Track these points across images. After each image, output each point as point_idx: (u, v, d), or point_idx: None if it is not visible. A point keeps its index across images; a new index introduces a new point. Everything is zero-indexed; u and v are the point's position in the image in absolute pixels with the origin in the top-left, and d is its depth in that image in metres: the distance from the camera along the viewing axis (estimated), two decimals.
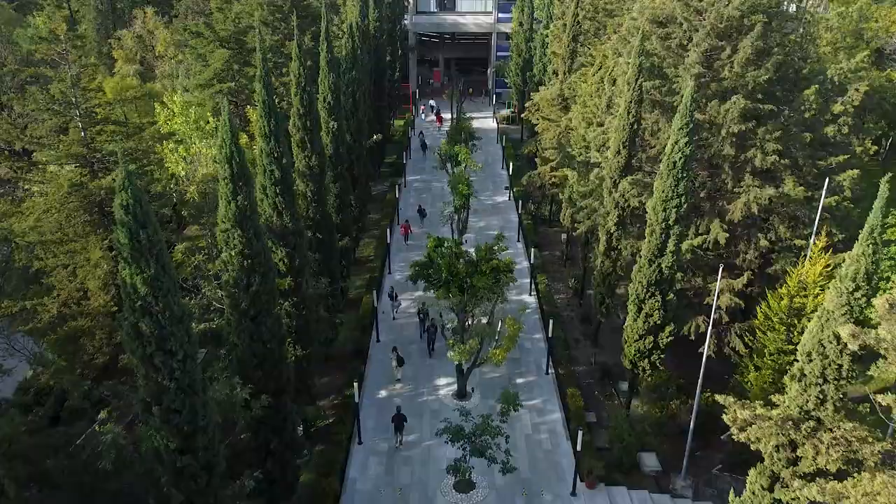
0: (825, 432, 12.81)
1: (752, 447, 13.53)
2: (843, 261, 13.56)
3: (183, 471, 14.27)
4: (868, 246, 12.04)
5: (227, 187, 17.17)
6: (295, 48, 25.16)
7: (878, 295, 12.41)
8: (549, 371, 29.41)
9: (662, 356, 24.79)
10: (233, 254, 17.71)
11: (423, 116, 66.37)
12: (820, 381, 12.92)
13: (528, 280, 36.55)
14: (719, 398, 13.36)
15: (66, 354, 22.00)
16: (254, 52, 35.16)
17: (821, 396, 13.03)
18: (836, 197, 26.18)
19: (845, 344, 12.36)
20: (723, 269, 26.17)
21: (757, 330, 24.05)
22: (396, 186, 46.44)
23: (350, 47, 36.97)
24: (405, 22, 66.62)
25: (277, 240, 22.29)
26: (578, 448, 22.83)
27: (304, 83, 25.41)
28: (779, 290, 23.32)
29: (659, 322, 23.89)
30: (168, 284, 12.79)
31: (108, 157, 22.69)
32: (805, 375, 13.13)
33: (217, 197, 24.76)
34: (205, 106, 32.65)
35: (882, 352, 11.06)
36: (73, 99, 21.76)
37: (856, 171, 26.32)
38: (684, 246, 25.05)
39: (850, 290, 12.09)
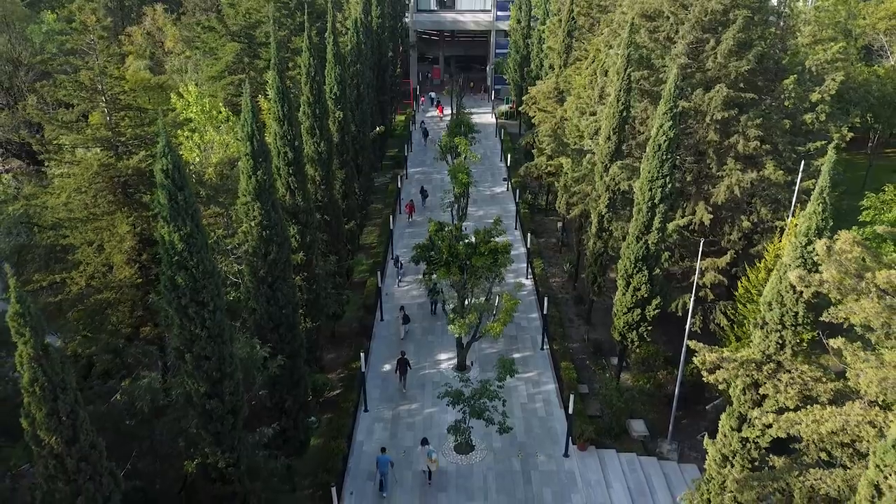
0: (784, 373, 14.45)
1: (720, 387, 15.17)
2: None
3: (211, 413, 15.88)
4: (818, 204, 13.70)
5: (247, 163, 18.81)
6: (306, 40, 26.80)
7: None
8: (545, 347, 31.05)
9: (649, 328, 26.40)
10: (252, 224, 19.35)
11: (423, 107, 68.37)
12: (779, 327, 14.57)
13: (525, 265, 38.19)
14: (690, 344, 15.00)
15: (93, 325, 23.54)
16: (262, 47, 36.90)
17: (780, 341, 14.68)
18: (814, 180, 27.81)
19: (801, 293, 14.03)
20: (709, 251, 27.93)
21: (738, 303, 25.67)
22: (398, 177, 48.15)
23: (355, 42, 38.63)
24: (406, 20, 68.27)
25: (290, 217, 23.91)
26: (570, 411, 24.47)
27: (314, 73, 27.05)
28: (758, 264, 24.94)
29: (646, 295, 25.51)
30: (201, 242, 14.42)
31: (131, 140, 24.29)
32: (766, 323, 14.78)
33: (233, 179, 26.51)
34: (217, 97, 34.28)
35: (825, 292, 12.70)
36: (100, 86, 23.36)
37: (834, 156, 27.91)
38: (671, 226, 26.68)
39: (804, 244, 13.73)
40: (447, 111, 63.36)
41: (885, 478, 10.07)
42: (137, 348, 19.67)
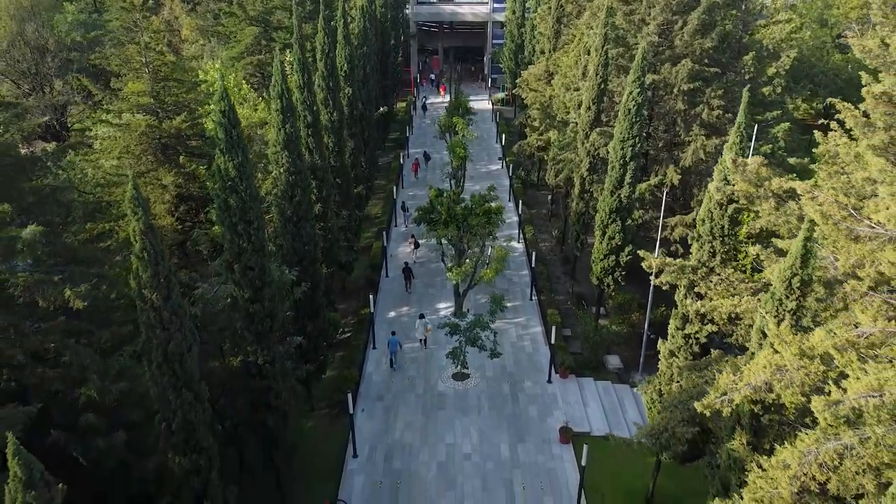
0: (715, 276, 18.07)
1: (664, 288, 18.78)
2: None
3: (253, 316, 19.46)
4: (736, 136, 17.25)
5: (277, 118, 22.39)
6: (321, 21, 30.39)
7: None
8: (533, 297, 34.68)
9: (623, 274, 29.99)
10: (281, 171, 22.92)
11: (424, 90, 72.60)
12: (710, 238, 18.17)
13: (517, 231, 41.84)
14: (640, 252, 18.58)
15: None
16: (277, 31, 40.58)
17: (711, 250, 18.28)
18: (771, 145, 31.44)
19: (726, 209, 17.64)
20: (677, 209, 31.55)
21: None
22: (401, 156, 51.91)
23: (362, 26, 42.20)
24: (406, 11, 71.83)
25: (309, 173, 27.45)
26: (553, 342, 28.10)
27: (328, 50, 30.64)
28: None
29: (619, 243, 29.11)
30: (249, 170, 17.98)
31: (170, 107, 27.87)
32: (701, 236, 18.39)
33: (255, 142, 30.08)
34: (237, 76, 37.84)
35: (739, 201, 16.26)
36: (144, 59, 26.95)
37: (787, 124, 31.58)
38: (643, 186, 30.31)
39: (731, 171, 17.27)
40: (447, 96, 67.19)
41: (766, 322, 13.65)
42: (185, 276, 23.16)
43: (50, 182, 19.63)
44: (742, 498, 13.14)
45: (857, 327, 12.12)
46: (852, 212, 12.71)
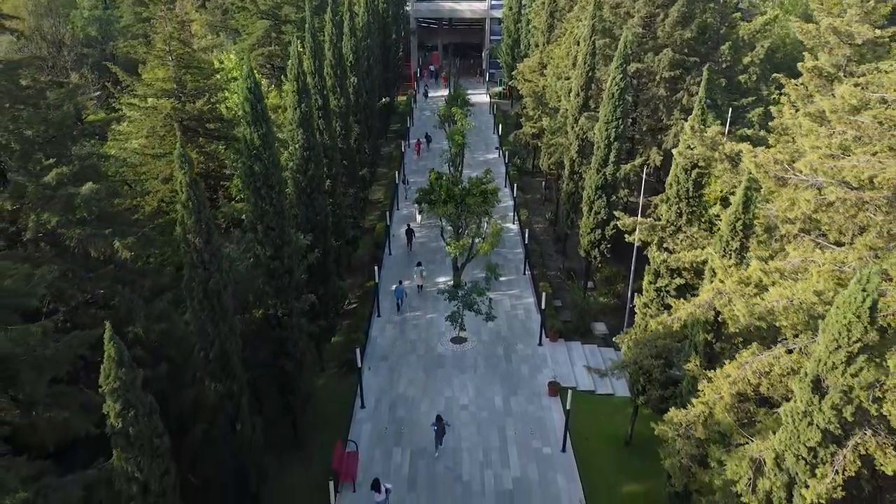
0: (681, 233, 20.55)
1: (639, 245, 21.25)
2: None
3: (274, 272, 21.92)
4: (699, 110, 19.71)
5: (293, 98, 24.85)
6: (329, 14, 32.87)
7: None
8: (526, 272, 37.16)
9: (609, 246, 32.46)
10: (296, 147, 25.39)
11: (424, 83, 75.45)
12: (677, 200, 20.65)
13: (512, 213, 44.32)
14: (616, 213, 21.05)
15: (164, 237, 29.64)
16: (286, 24, 43.09)
17: (678, 211, 20.76)
18: (746, 129, 33.88)
19: (690, 173, 20.13)
20: (660, 189, 33.95)
21: None
22: (402, 145, 54.46)
23: (365, 20, 44.68)
24: (407, 8, 74.34)
25: (320, 150, 29.90)
26: (543, 307, 30.57)
27: (335, 40, 33.10)
28: None
29: (605, 218, 31.58)
30: (271, 140, 20.42)
31: (192, 91, 30.32)
32: (669, 198, 20.87)
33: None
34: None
35: (698, 161, 18.73)
36: (168, 47, 29.42)
37: (761, 109, 34.03)
38: (627, 167, 32.78)
39: (689, 137, 19.76)
40: (444, 93, 69.87)
41: (714, 260, 16.13)
42: None
43: (94, 151, 22.04)
44: (694, 406, 15.61)
45: (787, 259, 14.61)
46: (785, 165, 15.19)
